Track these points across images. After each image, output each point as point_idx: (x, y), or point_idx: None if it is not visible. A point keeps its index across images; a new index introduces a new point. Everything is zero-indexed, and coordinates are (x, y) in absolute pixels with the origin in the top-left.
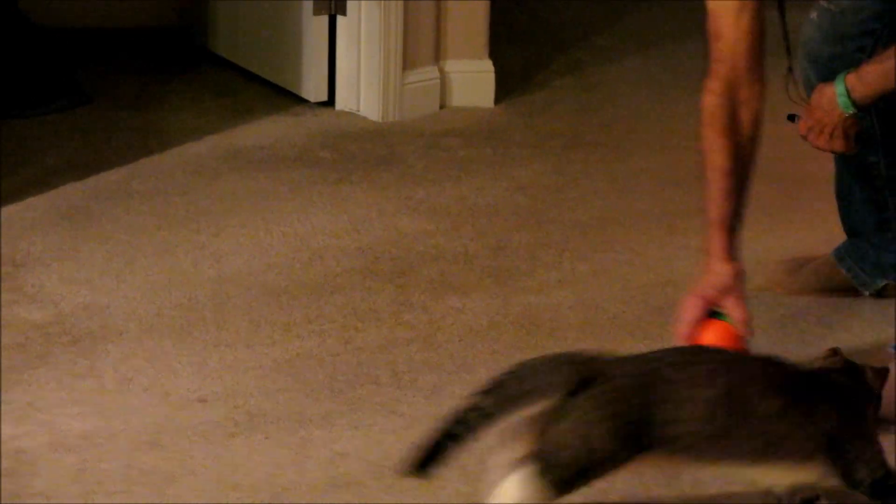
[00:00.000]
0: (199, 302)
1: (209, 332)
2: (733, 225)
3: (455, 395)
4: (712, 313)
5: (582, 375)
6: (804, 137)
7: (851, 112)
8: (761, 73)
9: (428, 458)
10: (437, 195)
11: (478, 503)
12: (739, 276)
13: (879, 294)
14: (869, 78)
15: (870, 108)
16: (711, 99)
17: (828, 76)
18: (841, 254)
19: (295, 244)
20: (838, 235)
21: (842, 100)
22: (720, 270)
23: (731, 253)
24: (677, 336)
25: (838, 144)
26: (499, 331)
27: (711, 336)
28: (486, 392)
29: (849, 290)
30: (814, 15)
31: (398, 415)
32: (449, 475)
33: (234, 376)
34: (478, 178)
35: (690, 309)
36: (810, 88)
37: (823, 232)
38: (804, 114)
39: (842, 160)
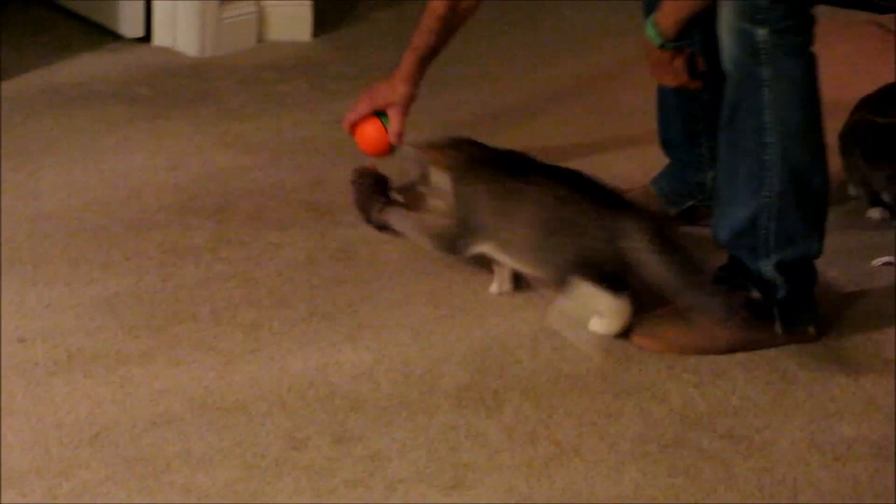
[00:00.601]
0: (16, 241)
1: (27, 270)
2: (426, 58)
3: (274, 331)
4: (380, 114)
5: None
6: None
7: (660, 43)
8: None
9: None
10: (255, 130)
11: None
12: (409, 98)
13: (687, 215)
14: (666, 8)
15: (682, 38)
16: None
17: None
18: (656, 179)
19: (112, 181)
20: (659, 166)
21: (650, 32)
22: (398, 86)
23: (414, 78)
24: (344, 120)
25: (669, 78)
26: (317, 265)
27: (368, 128)
28: None
29: (666, 217)
30: None
31: (218, 351)
32: (269, 409)
33: (53, 315)
34: (295, 112)
35: (361, 104)
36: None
37: (645, 164)
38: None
39: None
